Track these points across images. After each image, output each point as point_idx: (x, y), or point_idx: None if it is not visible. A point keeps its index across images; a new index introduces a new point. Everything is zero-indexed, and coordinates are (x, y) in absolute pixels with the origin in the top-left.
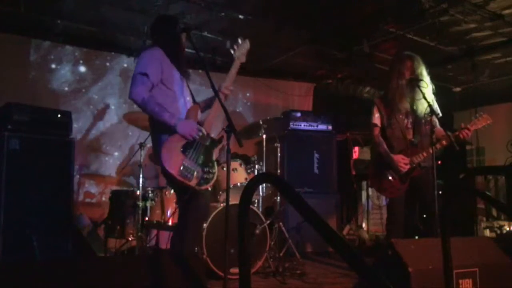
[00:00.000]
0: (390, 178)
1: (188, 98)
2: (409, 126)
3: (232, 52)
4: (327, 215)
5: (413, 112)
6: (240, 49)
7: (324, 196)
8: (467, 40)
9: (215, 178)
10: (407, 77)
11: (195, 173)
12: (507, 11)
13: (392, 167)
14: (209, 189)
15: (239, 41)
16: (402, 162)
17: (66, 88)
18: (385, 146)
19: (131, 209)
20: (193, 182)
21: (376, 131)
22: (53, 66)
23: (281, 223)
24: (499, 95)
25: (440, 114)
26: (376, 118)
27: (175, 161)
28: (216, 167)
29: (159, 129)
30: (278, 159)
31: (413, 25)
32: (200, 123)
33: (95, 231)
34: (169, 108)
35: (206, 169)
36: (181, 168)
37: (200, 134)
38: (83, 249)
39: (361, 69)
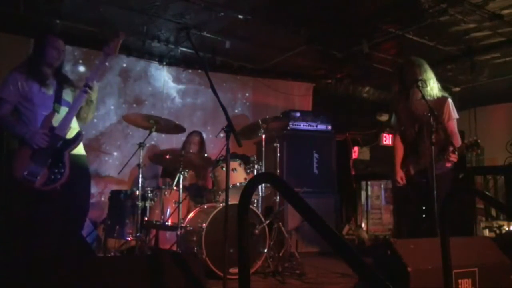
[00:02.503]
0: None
1: (49, 105)
2: (416, 130)
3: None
4: (326, 215)
5: (416, 115)
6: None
7: (323, 196)
8: (467, 40)
9: (64, 177)
10: (408, 80)
11: (40, 176)
12: (506, 11)
13: (392, 175)
14: (58, 188)
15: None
16: (399, 177)
17: None
18: (396, 153)
19: (131, 209)
20: (37, 184)
21: (394, 135)
22: None
23: (280, 223)
24: (498, 95)
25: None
26: (393, 122)
27: (21, 167)
28: (66, 167)
29: (18, 141)
30: (278, 159)
31: (412, 25)
32: (52, 129)
33: (94, 231)
34: (31, 121)
35: (55, 170)
36: (25, 173)
37: (46, 141)
38: (82, 249)
39: (361, 69)
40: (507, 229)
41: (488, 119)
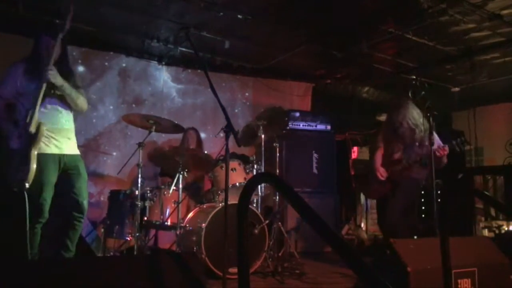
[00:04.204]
0: None
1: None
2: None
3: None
4: (326, 215)
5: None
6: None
7: (323, 196)
8: (466, 40)
9: (28, 174)
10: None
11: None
12: (505, 11)
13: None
14: (26, 185)
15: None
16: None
17: None
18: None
19: (130, 209)
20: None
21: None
22: None
23: (280, 223)
24: (497, 95)
25: None
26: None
27: None
28: (31, 163)
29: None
30: (277, 159)
31: (412, 25)
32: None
33: (94, 231)
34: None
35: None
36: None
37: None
38: (82, 249)
39: (360, 69)
40: (506, 229)
41: (487, 119)
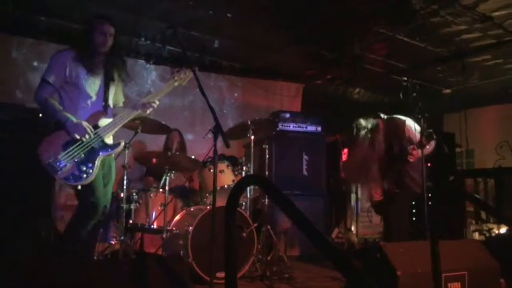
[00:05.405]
0: None
1: (95, 98)
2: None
3: (175, 76)
4: (315, 218)
5: None
6: (184, 77)
7: (312, 199)
8: (457, 41)
9: (89, 178)
10: None
11: (65, 168)
12: (496, 13)
13: None
14: (79, 187)
15: (184, 71)
16: None
17: None
18: None
19: (115, 212)
20: (59, 175)
21: None
22: (36, 64)
23: (269, 226)
24: (488, 97)
25: None
26: None
27: (49, 151)
28: (94, 170)
29: (56, 126)
30: (266, 161)
31: (403, 26)
32: (96, 127)
33: None
34: (70, 107)
35: (81, 167)
36: (51, 159)
37: (86, 136)
38: (65, 253)
39: (351, 70)
40: (497, 232)
41: (478, 121)
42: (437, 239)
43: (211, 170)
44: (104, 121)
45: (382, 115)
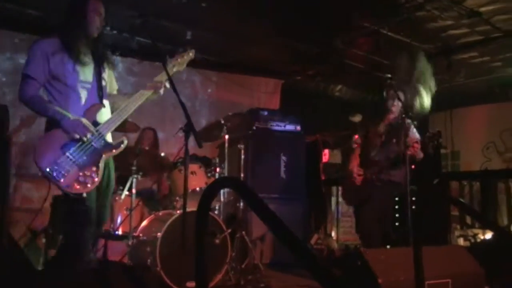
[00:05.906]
0: None
1: (87, 90)
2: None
3: (172, 58)
4: (293, 223)
5: None
6: (184, 59)
7: (291, 203)
8: (443, 37)
9: (95, 184)
10: None
11: (68, 174)
12: (484, 9)
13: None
14: (84, 194)
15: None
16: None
17: (4, 79)
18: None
19: None
20: (62, 183)
21: None
22: None
23: (243, 232)
24: (475, 97)
25: None
26: None
27: (47, 157)
28: (100, 172)
29: (49, 125)
30: (242, 162)
31: (387, 19)
32: (95, 124)
33: (34, 241)
34: (61, 104)
35: (86, 172)
36: (51, 165)
37: (88, 134)
38: (19, 262)
39: (333, 66)
40: (482, 237)
41: (464, 121)
42: (420, 245)
43: (182, 172)
44: (102, 115)
45: None
